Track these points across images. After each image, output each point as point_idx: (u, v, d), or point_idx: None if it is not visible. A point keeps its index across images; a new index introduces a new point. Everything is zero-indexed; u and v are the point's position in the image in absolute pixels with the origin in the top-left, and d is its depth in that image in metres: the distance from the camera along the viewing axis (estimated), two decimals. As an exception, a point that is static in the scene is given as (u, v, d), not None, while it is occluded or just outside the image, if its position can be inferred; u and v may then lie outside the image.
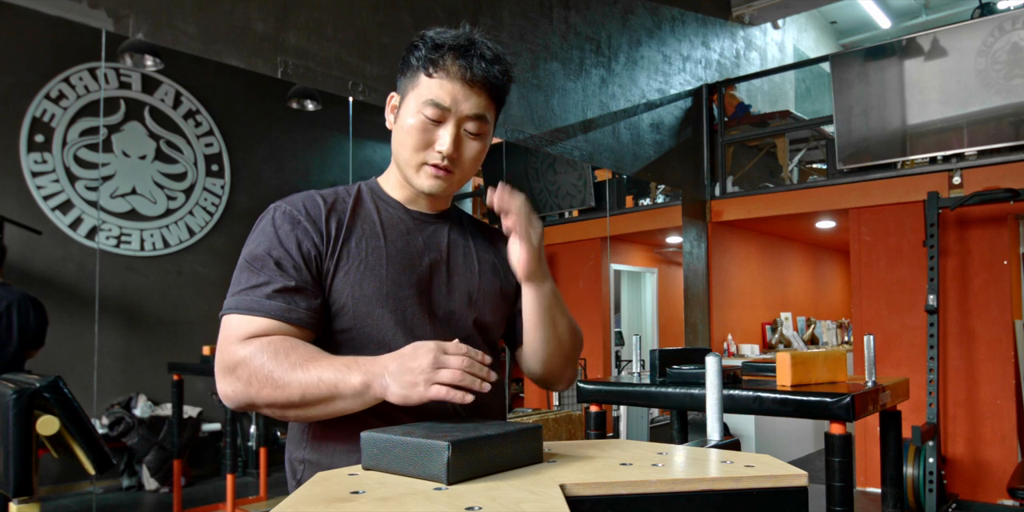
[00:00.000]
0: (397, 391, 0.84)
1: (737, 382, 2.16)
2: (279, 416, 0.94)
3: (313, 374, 0.88)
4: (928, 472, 3.81)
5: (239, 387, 0.91)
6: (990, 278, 4.31)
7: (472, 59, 1.00)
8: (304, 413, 0.91)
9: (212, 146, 3.46)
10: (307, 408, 0.90)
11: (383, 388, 0.85)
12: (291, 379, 0.88)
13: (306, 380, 0.88)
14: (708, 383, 0.95)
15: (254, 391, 0.90)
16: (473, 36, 1.03)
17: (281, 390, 0.89)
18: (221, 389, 0.94)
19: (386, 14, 3.18)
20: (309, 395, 0.88)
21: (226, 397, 0.94)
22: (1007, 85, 4.31)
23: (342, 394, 0.87)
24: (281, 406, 0.90)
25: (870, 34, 9.45)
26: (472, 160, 1.05)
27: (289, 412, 0.92)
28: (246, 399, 0.92)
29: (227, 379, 0.92)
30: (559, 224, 5.15)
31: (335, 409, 0.90)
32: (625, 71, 4.76)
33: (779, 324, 6.49)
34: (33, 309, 2.56)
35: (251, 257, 0.99)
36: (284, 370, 0.89)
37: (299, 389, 0.88)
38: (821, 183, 5.13)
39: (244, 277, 0.98)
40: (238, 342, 0.93)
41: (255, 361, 0.90)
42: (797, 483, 0.69)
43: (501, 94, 1.06)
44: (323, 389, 0.88)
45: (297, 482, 1.04)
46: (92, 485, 2.94)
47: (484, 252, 1.14)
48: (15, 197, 2.83)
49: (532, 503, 0.60)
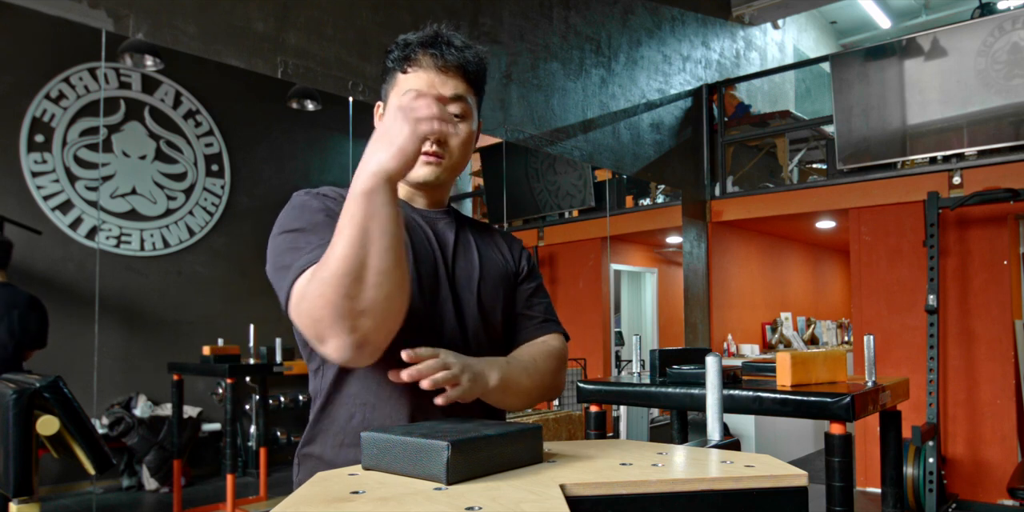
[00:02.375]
0: (392, 150, 0.83)
1: (737, 382, 2.16)
2: (372, 301, 0.84)
3: (336, 237, 0.84)
4: (928, 472, 3.81)
5: (326, 317, 0.83)
6: (990, 278, 4.31)
7: (441, 47, 1.04)
8: (371, 265, 0.83)
9: (212, 146, 3.46)
10: (363, 259, 0.82)
11: (378, 164, 0.83)
12: (328, 257, 0.83)
13: (335, 241, 0.83)
14: (708, 383, 0.95)
15: (328, 295, 0.82)
16: (439, 30, 1.06)
17: (329, 268, 0.82)
18: (335, 348, 0.85)
19: (386, 14, 3.18)
20: (346, 242, 0.82)
21: (340, 347, 0.85)
22: (1007, 85, 4.31)
23: (362, 211, 0.82)
24: (352, 278, 0.82)
25: (870, 34, 9.46)
26: (461, 145, 1.07)
27: (368, 277, 0.82)
28: (336, 316, 0.83)
29: (332, 331, 0.84)
30: (559, 224, 5.15)
31: (377, 232, 0.83)
32: (625, 71, 4.76)
33: (779, 324, 6.49)
34: (35, 310, 2.56)
35: (285, 234, 0.98)
36: (321, 263, 0.84)
37: (336, 250, 0.82)
38: (821, 183, 5.13)
39: (282, 256, 0.96)
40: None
41: (307, 292, 0.85)
42: (797, 483, 0.69)
43: (478, 78, 1.08)
44: (345, 224, 0.82)
45: (298, 481, 1.05)
46: (92, 485, 2.94)
47: (484, 247, 1.14)
48: (15, 197, 2.83)
49: (532, 503, 0.60)
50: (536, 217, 5.06)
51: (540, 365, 1.08)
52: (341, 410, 1.02)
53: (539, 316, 1.16)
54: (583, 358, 4.78)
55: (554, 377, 1.10)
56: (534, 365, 1.06)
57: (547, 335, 1.15)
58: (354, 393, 1.02)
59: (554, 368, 1.10)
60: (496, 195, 4.53)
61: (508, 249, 1.18)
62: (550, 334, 1.15)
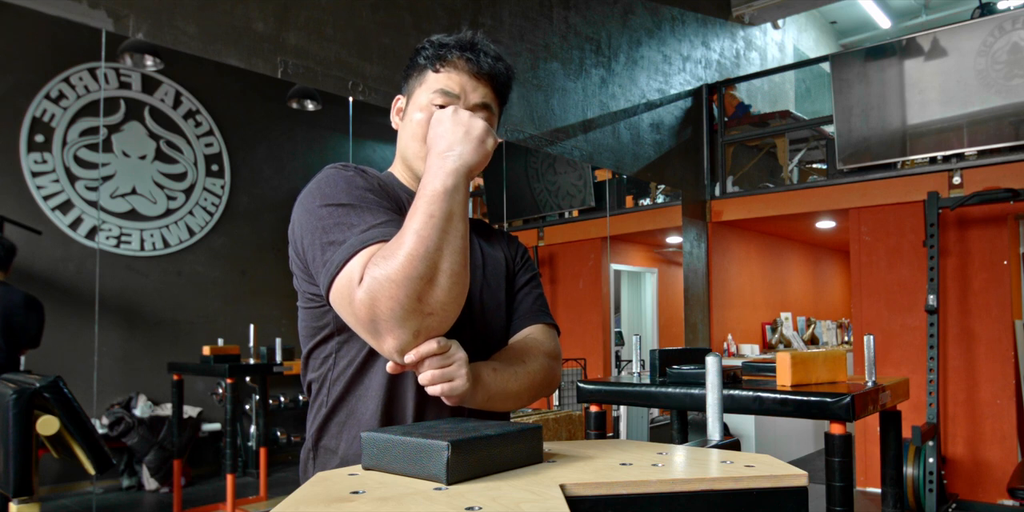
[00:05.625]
0: (474, 143, 0.86)
1: (737, 382, 2.16)
2: (442, 305, 0.82)
3: (409, 236, 0.81)
4: (928, 472, 3.81)
5: (386, 303, 0.80)
6: (990, 278, 4.31)
7: (478, 54, 1.05)
8: (443, 269, 0.82)
9: (212, 146, 3.46)
10: (438, 262, 0.81)
11: (461, 159, 0.85)
12: (398, 256, 0.80)
13: (406, 239, 0.81)
14: (708, 383, 0.95)
15: (399, 298, 0.79)
16: (476, 38, 1.07)
17: (401, 270, 0.80)
18: (393, 345, 0.82)
19: (386, 14, 3.18)
20: (422, 243, 0.80)
21: (399, 345, 0.82)
22: (1007, 85, 4.31)
23: (442, 211, 0.82)
24: (425, 281, 0.80)
25: (870, 34, 9.46)
26: None
27: (441, 280, 0.81)
28: (404, 318, 0.80)
29: (394, 331, 0.81)
30: (559, 224, 5.15)
31: (454, 233, 0.83)
32: (625, 71, 4.76)
33: (779, 324, 6.49)
34: (33, 310, 2.56)
35: (330, 207, 0.93)
36: (389, 248, 0.82)
37: (409, 249, 0.80)
38: (821, 183, 5.13)
39: (331, 231, 0.91)
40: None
41: (371, 288, 0.81)
42: (797, 483, 0.69)
43: (505, 90, 1.10)
44: (422, 224, 0.81)
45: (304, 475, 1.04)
46: (92, 485, 2.94)
47: (486, 246, 1.14)
48: (15, 197, 2.83)
49: (532, 503, 0.60)
50: (536, 217, 5.06)
51: (530, 368, 1.02)
52: (361, 403, 0.99)
53: (526, 308, 1.13)
54: (583, 358, 4.78)
55: (544, 374, 1.04)
56: (524, 369, 1.02)
57: (532, 327, 1.11)
58: (377, 386, 0.99)
59: (544, 366, 1.05)
60: (496, 195, 4.53)
61: (507, 246, 1.18)
62: (536, 325, 1.11)
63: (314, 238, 0.92)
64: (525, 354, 1.05)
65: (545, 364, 1.05)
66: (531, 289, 1.15)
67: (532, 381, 1.02)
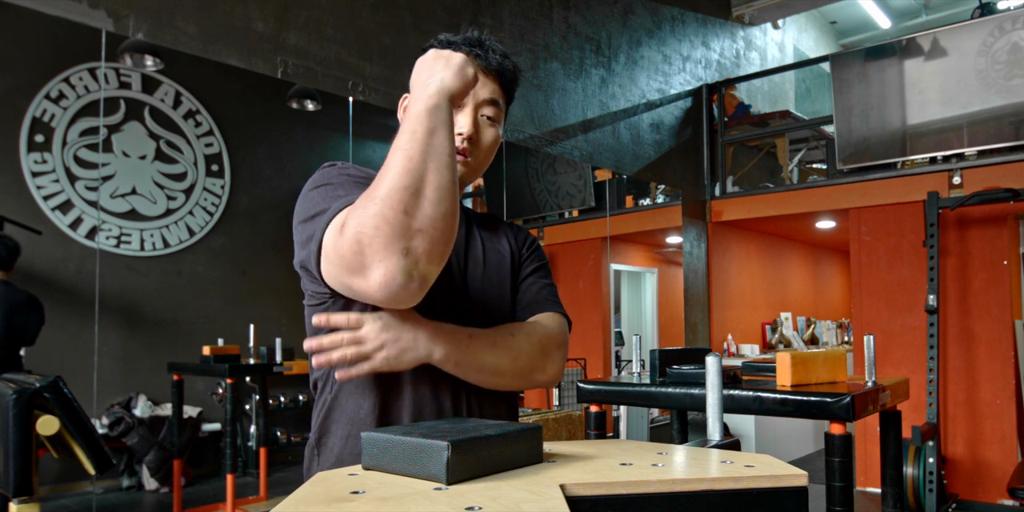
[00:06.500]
0: (454, 70, 0.88)
1: (737, 382, 2.16)
2: (431, 219, 0.80)
3: (393, 154, 0.81)
4: (928, 472, 3.81)
5: (374, 243, 0.78)
6: (990, 278, 4.31)
7: (487, 50, 1.06)
8: (430, 180, 0.80)
9: (212, 146, 3.46)
10: (423, 173, 0.80)
11: (441, 82, 0.86)
12: (383, 175, 0.80)
13: (390, 157, 0.81)
14: (708, 383, 0.95)
15: (384, 212, 0.78)
16: (483, 36, 1.09)
17: (386, 184, 0.79)
18: (381, 276, 0.78)
19: (386, 14, 3.18)
20: (405, 156, 0.80)
21: (388, 274, 0.78)
22: (1007, 85, 4.31)
23: (424, 126, 0.82)
24: (411, 192, 0.78)
25: (870, 34, 9.46)
26: (488, 146, 1.08)
27: (428, 191, 0.80)
28: (391, 235, 0.78)
29: (381, 255, 0.78)
30: (559, 224, 5.15)
31: (439, 147, 0.82)
32: (625, 71, 4.76)
33: (779, 324, 6.49)
34: (33, 309, 2.56)
35: (316, 189, 0.96)
36: (374, 185, 0.81)
37: (394, 164, 0.80)
38: (821, 183, 5.13)
39: (315, 205, 0.92)
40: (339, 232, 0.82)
41: (353, 215, 0.80)
42: (797, 483, 0.69)
43: (512, 86, 1.11)
44: (405, 141, 0.81)
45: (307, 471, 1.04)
46: (92, 485, 2.94)
47: (490, 244, 1.14)
48: (15, 197, 2.83)
49: (532, 503, 0.60)
50: (536, 217, 5.06)
51: (515, 343, 0.99)
52: (350, 400, 0.99)
53: (530, 297, 1.10)
54: (583, 358, 4.78)
55: (533, 358, 1.00)
56: (506, 342, 0.98)
57: (539, 315, 1.07)
58: (362, 382, 0.98)
59: (534, 349, 1.00)
60: (496, 195, 4.53)
61: (513, 238, 1.16)
62: (543, 314, 1.08)
63: (300, 217, 0.94)
64: (517, 330, 1.02)
65: (537, 345, 1.01)
66: (537, 279, 1.13)
67: (515, 359, 0.98)
